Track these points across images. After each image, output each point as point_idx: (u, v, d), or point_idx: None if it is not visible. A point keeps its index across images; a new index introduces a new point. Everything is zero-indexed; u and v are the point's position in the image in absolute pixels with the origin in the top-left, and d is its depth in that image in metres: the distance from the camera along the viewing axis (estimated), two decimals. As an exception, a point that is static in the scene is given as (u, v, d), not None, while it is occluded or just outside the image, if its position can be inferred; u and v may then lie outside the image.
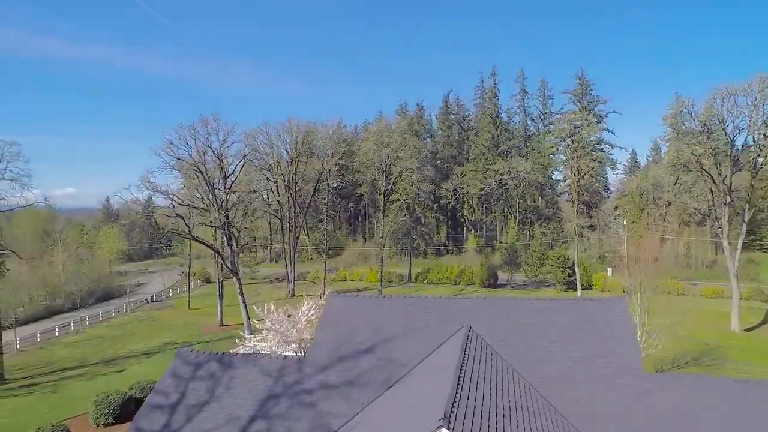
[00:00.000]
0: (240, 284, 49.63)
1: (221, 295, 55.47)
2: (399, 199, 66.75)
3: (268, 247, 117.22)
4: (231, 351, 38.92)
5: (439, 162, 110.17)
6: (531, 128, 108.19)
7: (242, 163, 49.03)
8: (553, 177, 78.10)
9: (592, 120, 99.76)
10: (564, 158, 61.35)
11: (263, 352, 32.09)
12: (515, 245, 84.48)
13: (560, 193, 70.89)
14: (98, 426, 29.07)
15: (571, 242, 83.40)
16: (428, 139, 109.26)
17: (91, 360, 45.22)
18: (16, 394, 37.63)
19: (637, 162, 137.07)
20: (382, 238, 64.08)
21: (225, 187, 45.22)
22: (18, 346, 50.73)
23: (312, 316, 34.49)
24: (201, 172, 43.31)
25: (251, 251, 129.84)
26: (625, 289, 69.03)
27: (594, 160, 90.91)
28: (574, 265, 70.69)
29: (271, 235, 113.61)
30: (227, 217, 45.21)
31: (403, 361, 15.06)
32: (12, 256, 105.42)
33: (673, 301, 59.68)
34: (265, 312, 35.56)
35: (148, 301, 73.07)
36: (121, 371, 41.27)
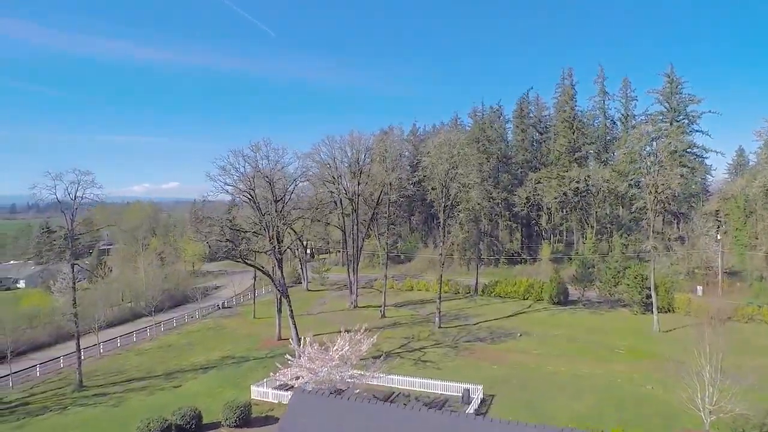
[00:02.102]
0: (290, 305, 50.55)
1: (279, 310, 57.00)
2: (460, 213, 64.82)
3: (341, 252, 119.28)
4: (270, 376, 39.92)
5: (512, 167, 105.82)
6: (612, 132, 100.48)
7: (293, 187, 49.86)
8: (635, 186, 71.64)
9: (683, 122, 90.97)
10: (643, 170, 55.72)
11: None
12: (588, 260, 78.96)
13: (642, 207, 64.74)
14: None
15: (655, 256, 76.61)
16: (502, 144, 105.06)
17: (155, 371, 48.46)
18: (89, 403, 41.17)
19: (744, 159, 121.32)
20: (441, 255, 62.48)
21: (276, 211, 46.21)
22: (101, 350, 55.59)
23: (347, 351, 34.27)
24: (251, 198, 44.71)
25: (325, 253, 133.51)
26: (714, 315, 62.51)
27: (682, 166, 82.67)
28: (653, 281, 64.25)
29: (344, 239, 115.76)
30: (278, 241, 46.30)
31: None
32: (114, 254, 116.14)
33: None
34: (301, 345, 35.86)
35: (219, 307, 77.11)
36: (177, 387, 43.80)
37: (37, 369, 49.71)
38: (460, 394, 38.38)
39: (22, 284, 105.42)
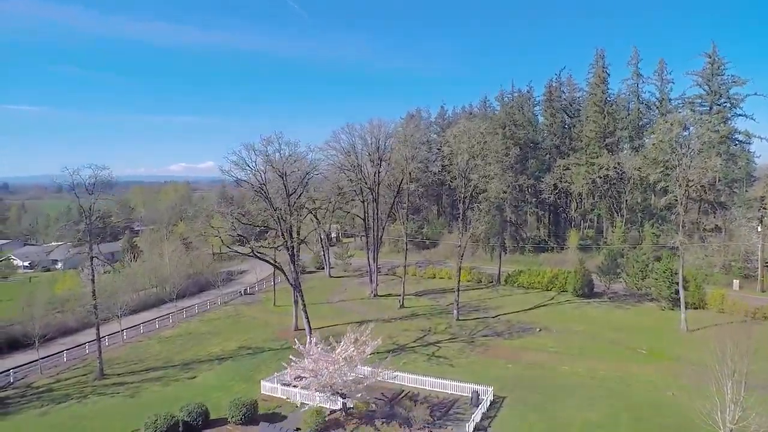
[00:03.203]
0: (303, 299, 50.46)
1: (296, 301, 57.25)
2: (480, 204, 63.32)
3: (365, 238, 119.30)
4: (281, 371, 39.98)
5: (540, 152, 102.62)
6: (646, 117, 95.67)
7: (307, 180, 49.30)
8: (664, 179, 67.95)
9: (724, 106, 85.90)
10: (673, 163, 52.43)
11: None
12: (615, 251, 76.10)
13: (672, 201, 61.18)
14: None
15: (687, 247, 73.24)
16: (530, 129, 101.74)
17: (173, 361, 49.55)
18: (107, 393, 42.41)
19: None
20: (460, 247, 61.32)
21: (289, 205, 45.93)
22: (124, 337, 57.28)
23: (351, 353, 33.95)
24: (263, 192, 44.49)
25: (350, 237, 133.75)
26: (750, 314, 59.34)
27: (721, 154, 78.13)
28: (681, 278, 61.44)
29: (365, 227, 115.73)
30: (291, 235, 46.14)
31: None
32: (143, 237, 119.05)
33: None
34: (307, 344, 35.74)
35: (241, 294, 78.32)
36: (192, 378, 44.65)
37: (64, 355, 51.57)
38: (470, 395, 37.72)
39: (60, 266, 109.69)
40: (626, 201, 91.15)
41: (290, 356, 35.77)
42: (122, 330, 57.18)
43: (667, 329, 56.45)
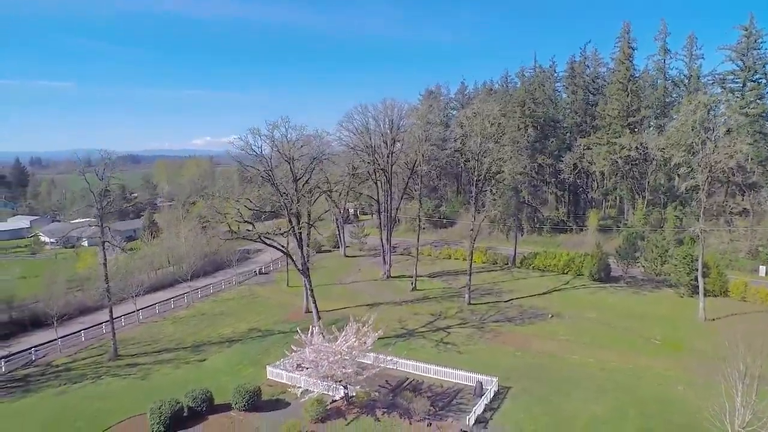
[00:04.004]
0: (310, 285, 50.46)
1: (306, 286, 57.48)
2: (494, 188, 62.06)
3: (379, 218, 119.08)
4: (287, 356, 40.11)
5: (561, 131, 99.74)
6: (672, 95, 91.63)
7: (312, 165, 48.72)
8: (685, 164, 65.17)
9: (759, 81, 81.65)
10: (697, 148, 50.00)
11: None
12: (635, 234, 74.12)
13: (694, 186, 58.20)
14: (154, 432, 32.38)
15: (712, 231, 70.84)
16: (550, 107, 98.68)
17: (185, 342, 50.57)
18: (120, 374, 43.62)
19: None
20: (472, 230, 60.44)
21: (296, 191, 45.60)
22: (140, 317, 58.64)
23: (353, 344, 33.89)
24: (269, 178, 44.18)
25: (366, 214, 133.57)
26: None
27: (750, 134, 74.68)
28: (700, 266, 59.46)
29: (378, 209, 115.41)
30: (298, 220, 45.94)
31: None
32: (163, 212, 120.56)
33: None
34: (309, 333, 35.79)
35: (256, 273, 79.17)
36: (202, 361, 45.51)
37: (83, 334, 53.11)
38: (474, 385, 37.48)
39: (86, 243, 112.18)
40: (648, 182, 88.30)
41: (292, 346, 35.94)
42: (137, 310, 58.48)
43: (684, 318, 55.00)
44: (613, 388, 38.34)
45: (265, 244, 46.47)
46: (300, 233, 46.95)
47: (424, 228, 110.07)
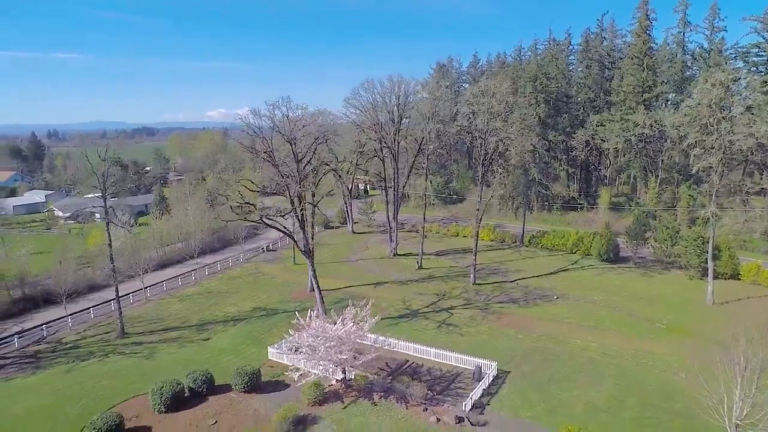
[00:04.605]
0: (313, 267, 50.42)
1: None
2: (500, 168, 60.98)
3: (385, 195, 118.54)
4: (285, 339, 40.39)
5: (573, 106, 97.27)
6: (691, 70, 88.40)
7: (314, 146, 48.07)
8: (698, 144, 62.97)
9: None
10: (711, 129, 48.07)
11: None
12: (643, 216, 72.81)
13: (707, 167, 56.01)
14: (156, 413, 33.04)
15: (727, 211, 69.04)
16: (563, 82, 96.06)
17: (190, 320, 51.28)
18: (126, 352, 44.43)
19: None
20: (479, 210, 59.78)
21: (298, 171, 45.14)
22: (148, 295, 59.49)
23: (352, 328, 33.97)
24: (270, 159, 43.75)
25: (374, 189, 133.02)
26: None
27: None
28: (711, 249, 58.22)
29: (384, 186, 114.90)
30: (300, 202, 45.67)
31: None
32: (172, 187, 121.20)
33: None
34: (308, 318, 35.91)
35: (264, 250, 79.59)
36: (206, 340, 46.16)
37: (91, 312, 54.14)
38: (473, 369, 37.54)
39: (98, 217, 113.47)
40: (662, 160, 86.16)
41: (290, 330, 36.13)
42: (145, 288, 59.27)
43: (691, 301, 54.28)
44: (615, 375, 38.14)
45: (267, 225, 46.41)
46: (302, 214, 46.72)
47: (433, 204, 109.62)
